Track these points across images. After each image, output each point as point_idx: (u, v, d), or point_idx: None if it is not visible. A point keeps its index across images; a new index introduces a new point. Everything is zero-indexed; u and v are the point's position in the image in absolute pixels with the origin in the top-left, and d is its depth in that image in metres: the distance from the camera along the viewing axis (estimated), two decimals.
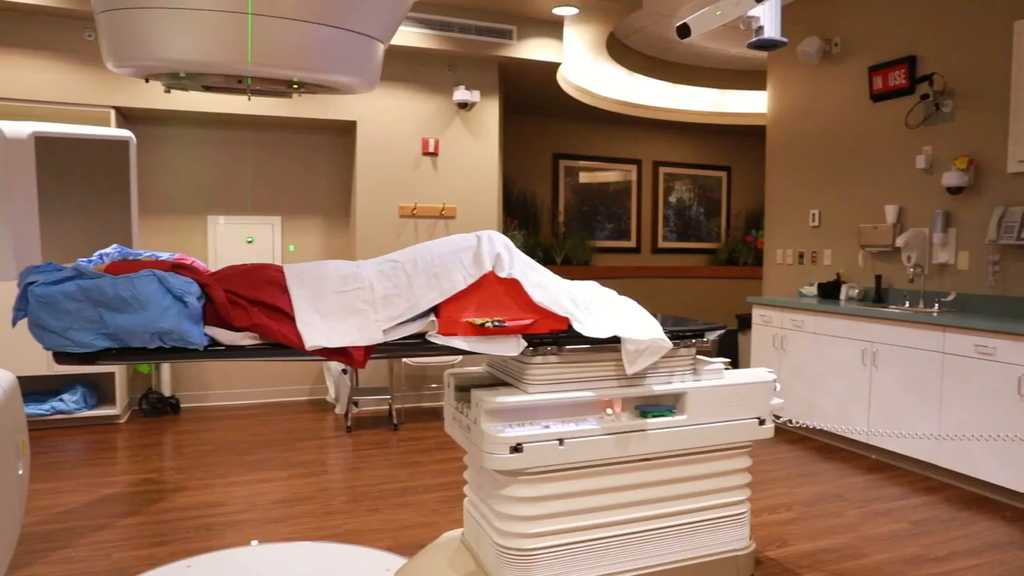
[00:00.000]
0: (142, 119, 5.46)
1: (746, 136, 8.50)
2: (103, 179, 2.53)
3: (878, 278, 4.79)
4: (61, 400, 4.96)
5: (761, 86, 6.41)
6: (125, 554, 2.90)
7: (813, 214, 5.40)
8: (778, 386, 2.45)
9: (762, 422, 2.38)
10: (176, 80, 1.91)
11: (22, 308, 1.69)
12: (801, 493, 3.68)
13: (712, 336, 2.37)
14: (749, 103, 7.90)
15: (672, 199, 8.62)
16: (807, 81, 5.45)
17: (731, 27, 3.02)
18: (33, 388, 5.00)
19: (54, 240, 2.19)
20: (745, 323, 5.92)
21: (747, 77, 7.61)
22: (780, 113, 5.76)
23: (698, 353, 2.40)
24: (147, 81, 2.07)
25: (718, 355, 2.55)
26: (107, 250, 2.12)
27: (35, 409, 4.86)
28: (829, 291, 5.02)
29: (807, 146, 5.47)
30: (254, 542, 3.00)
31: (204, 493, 3.64)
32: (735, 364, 5.16)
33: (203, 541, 3.03)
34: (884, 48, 4.78)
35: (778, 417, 2.53)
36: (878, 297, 4.77)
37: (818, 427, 3.97)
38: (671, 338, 2.18)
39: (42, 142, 2.15)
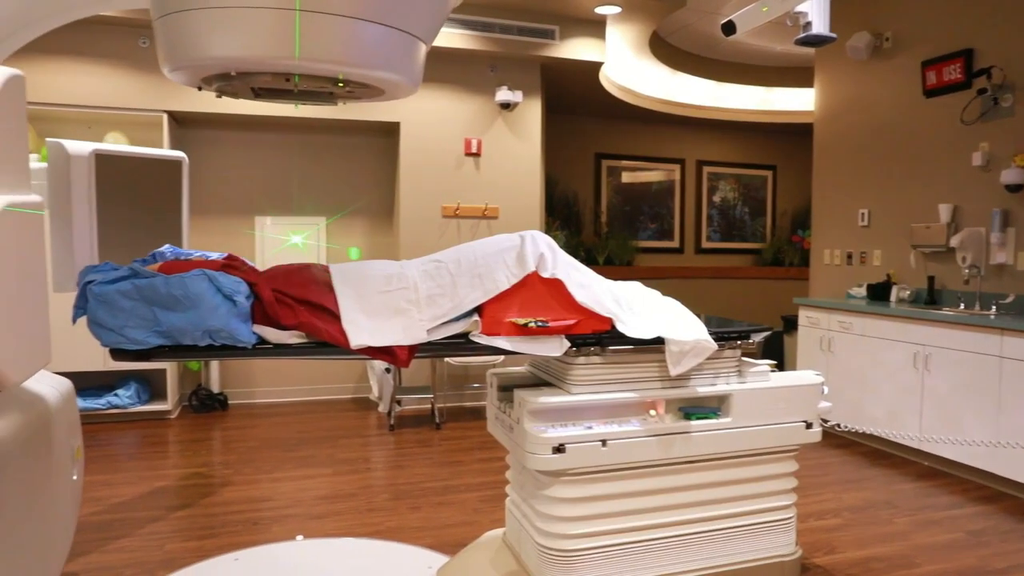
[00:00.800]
0: (193, 123, 5.60)
1: (792, 134, 8.34)
2: (157, 194, 2.62)
3: (931, 279, 4.65)
4: (116, 395, 5.12)
5: (808, 83, 6.28)
6: (176, 545, 2.98)
7: (862, 214, 5.27)
8: (826, 389, 2.40)
9: (809, 426, 2.33)
10: (227, 82, 1.96)
11: (81, 306, 1.75)
12: (849, 499, 3.59)
13: (758, 338, 2.33)
14: (796, 101, 7.75)
15: (716, 199, 8.50)
16: (856, 77, 5.32)
17: (777, 23, 2.97)
18: (90, 383, 5.17)
19: (109, 252, 2.27)
20: (791, 325, 5.81)
21: (793, 74, 7.46)
22: (828, 110, 5.64)
23: (743, 355, 2.36)
24: (200, 89, 2.13)
25: (763, 357, 2.51)
26: (160, 250, 2.18)
27: (92, 403, 5.02)
28: (879, 292, 4.89)
29: (856, 144, 5.34)
30: (299, 537, 3.05)
31: (251, 488, 3.72)
32: (781, 366, 5.07)
33: (250, 535, 3.10)
34: (938, 42, 4.64)
35: (826, 421, 2.48)
36: (931, 299, 4.63)
37: (867, 432, 3.87)
38: (716, 339, 2.15)
39: (102, 159, 2.23)
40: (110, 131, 5.23)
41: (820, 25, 2.68)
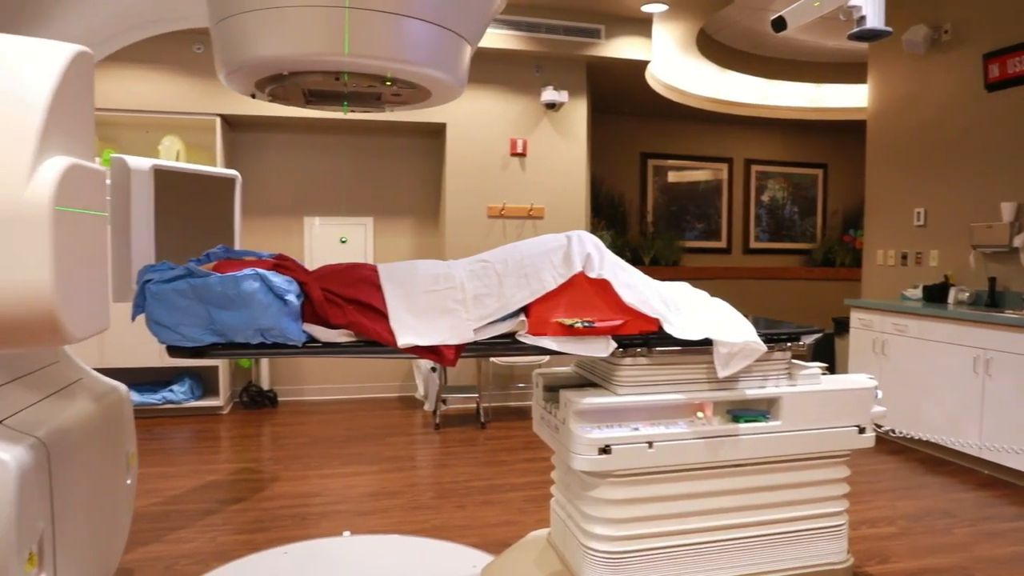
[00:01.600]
0: (244, 126, 5.74)
1: (844, 132, 8.13)
2: (211, 205, 2.70)
3: (992, 280, 4.49)
4: (171, 391, 5.28)
5: (861, 79, 6.12)
6: (228, 538, 3.06)
7: (918, 213, 5.11)
8: (879, 393, 2.33)
9: (862, 430, 2.27)
10: (279, 84, 2.00)
11: (140, 304, 1.81)
12: (904, 507, 3.49)
13: (808, 340, 2.28)
14: (847, 97, 7.56)
15: (764, 198, 8.35)
16: (912, 72, 5.17)
17: (829, 17, 2.90)
18: (147, 379, 5.34)
19: (166, 260, 2.35)
20: (842, 327, 5.67)
21: (845, 70, 7.28)
22: (882, 106, 5.49)
23: (793, 357, 2.31)
24: (253, 97, 2.19)
25: (813, 360, 2.45)
26: (214, 250, 2.23)
27: (148, 398, 5.19)
28: (936, 294, 4.74)
29: (912, 141, 5.19)
30: (346, 533, 3.10)
31: (299, 483, 3.79)
32: (832, 369, 4.96)
33: (298, 529, 3.16)
34: (1002, 33, 4.47)
35: (879, 426, 2.41)
36: (992, 301, 4.47)
37: (923, 438, 3.75)
38: (765, 341, 2.11)
39: (160, 174, 2.31)
40: (166, 135, 5.39)
41: (875, 19, 2.60)
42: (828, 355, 6.14)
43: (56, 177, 1.28)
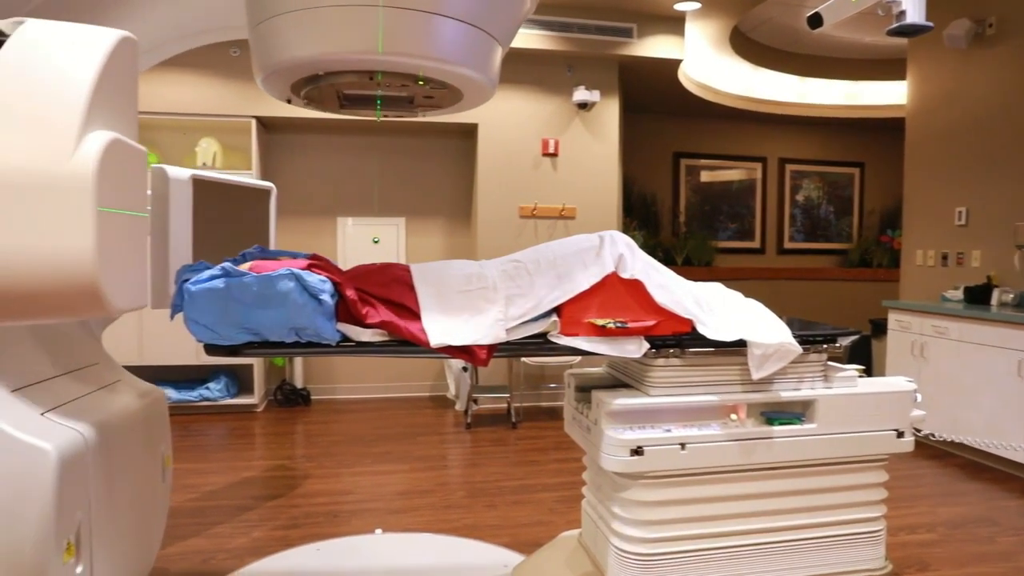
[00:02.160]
0: (279, 127, 5.82)
1: (882, 130, 7.97)
2: (247, 217, 2.75)
3: None
4: (207, 388, 5.37)
5: (900, 76, 6.00)
6: (262, 533, 3.10)
7: (959, 212, 4.99)
8: (919, 396, 2.28)
9: (900, 435, 2.22)
10: (314, 85, 2.03)
11: (178, 304, 1.84)
12: (945, 514, 3.41)
13: (845, 341, 2.24)
14: (885, 94, 7.42)
15: (799, 197, 8.23)
16: (954, 68, 5.05)
17: (867, 13, 2.85)
18: (184, 376, 5.45)
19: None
20: (880, 329, 5.57)
21: (883, 66, 7.14)
22: (922, 104, 5.37)
23: (829, 359, 2.28)
24: (288, 102, 2.22)
25: (849, 362, 2.41)
26: (250, 250, 2.27)
27: (185, 395, 5.29)
28: (978, 295, 4.62)
29: (953, 138, 5.07)
30: (378, 531, 3.12)
31: (332, 481, 3.83)
32: (869, 372, 4.87)
33: (331, 526, 3.19)
34: None
35: (918, 430, 2.36)
36: None
37: (965, 442, 3.66)
38: (800, 342, 2.08)
39: (199, 184, 2.37)
40: (204, 136, 5.49)
41: (915, 14, 2.54)
42: (865, 358, 6.03)
43: (100, 148, 1.32)
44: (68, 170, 1.28)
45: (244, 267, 1.95)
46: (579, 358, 4.23)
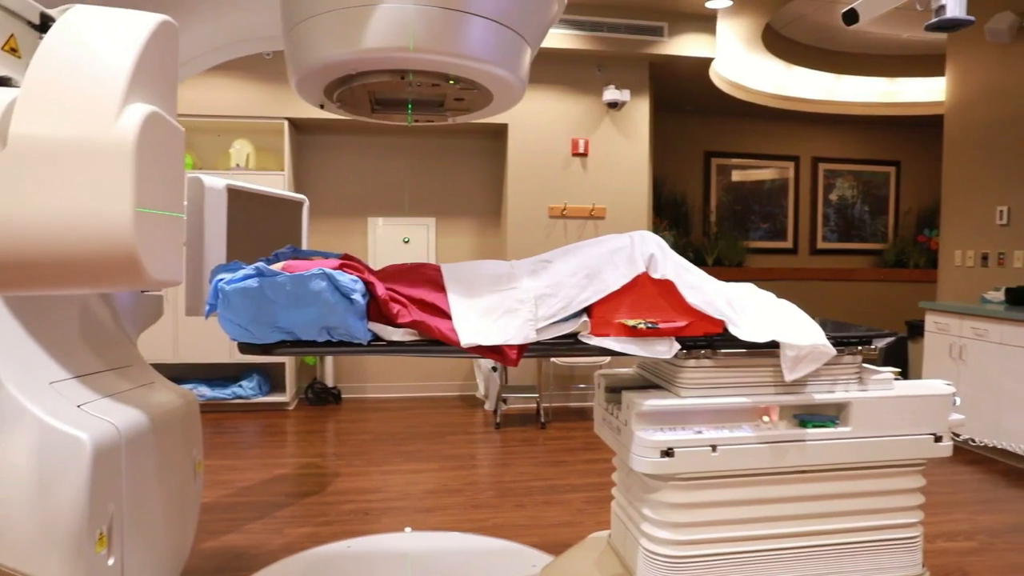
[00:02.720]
0: (311, 129, 5.88)
1: (919, 127, 7.81)
2: (280, 227, 2.80)
3: None
4: (240, 386, 5.45)
5: (938, 72, 5.87)
6: (294, 530, 3.14)
7: (1000, 211, 4.87)
8: (957, 400, 2.23)
9: (938, 439, 2.18)
10: (346, 87, 2.05)
11: (213, 302, 1.87)
12: (985, 521, 3.33)
13: (880, 343, 2.20)
14: (923, 91, 7.26)
15: (833, 197, 8.10)
16: (996, 62, 4.93)
17: (905, 8, 2.79)
18: (217, 374, 5.54)
19: None
20: (916, 330, 5.46)
21: (921, 62, 7.00)
22: (961, 100, 5.25)
23: (864, 361, 2.24)
24: (322, 107, 2.25)
25: (884, 364, 2.36)
26: (282, 250, 2.30)
27: (219, 393, 5.38)
28: (1020, 297, 4.51)
29: (994, 135, 4.95)
30: (407, 529, 3.14)
31: (362, 479, 3.87)
32: (905, 375, 4.78)
33: (361, 524, 3.22)
34: None
35: (957, 435, 2.31)
36: None
37: (1006, 448, 3.57)
38: (834, 344, 2.04)
39: (233, 193, 2.42)
40: (237, 138, 5.57)
41: (956, 7, 2.48)
42: (901, 360, 5.92)
43: (141, 118, 1.35)
44: (110, 137, 1.32)
45: (277, 267, 1.97)
46: (609, 359, 4.21)
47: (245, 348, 1.89)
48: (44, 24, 1.72)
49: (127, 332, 2.31)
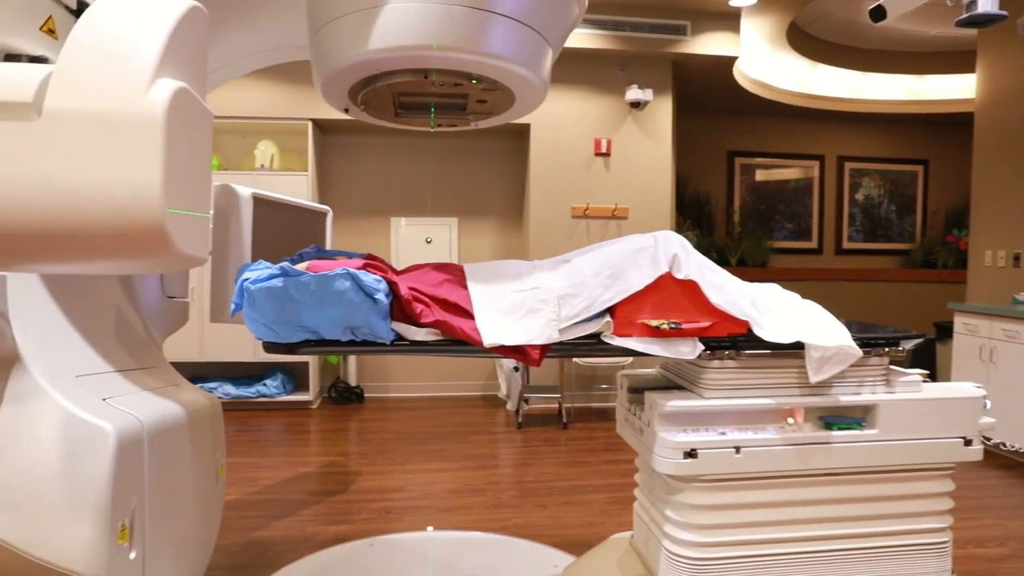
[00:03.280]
0: (334, 130, 5.93)
1: (947, 125, 7.69)
2: (304, 235, 2.83)
3: None
4: (264, 385, 5.51)
5: (968, 68, 5.78)
6: (318, 528, 3.16)
7: None
8: (988, 403, 2.19)
9: (968, 442, 2.14)
10: (370, 89, 2.06)
11: (238, 302, 1.89)
12: (1017, 527, 3.27)
13: (908, 345, 2.17)
14: (952, 88, 7.14)
15: (859, 196, 7.99)
16: None
17: (934, 3, 2.75)
18: (242, 373, 5.60)
19: None
20: (945, 332, 5.37)
21: (950, 59, 6.88)
22: (993, 97, 5.16)
23: (891, 363, 2.21)
24: (346, 112, 2.26)
25: (912, 366, 2.33)
26: (306, 250, 2.32)
27: (243, 391, 5.43)
28: None
29: None
30: (429, 528, 3.15)
31: (384, 478, 3.89)
32: (933, 377, 4.70)
33: (383, 523, 3.23)
34: None
35: (988, 438, 2.27)
36: None
37: None
38: (861, 345, 2.02)
39: (259, 202, 2.45)
40: (262, 139, 5.63)
41: (987, 2, 2.44)
42: (929, 362, 5.83)
43: (171, 90, 1.38)
44: (140, 108, 1.35)
45: (301, 266, 1.99)
46: (631, 359, 4.20)
47: (270, 347, 1.90)
48: (80, 9, 1.77)
49: (153, 336, 2.34)
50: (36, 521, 1.62)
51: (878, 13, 2.76)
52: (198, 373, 5.55)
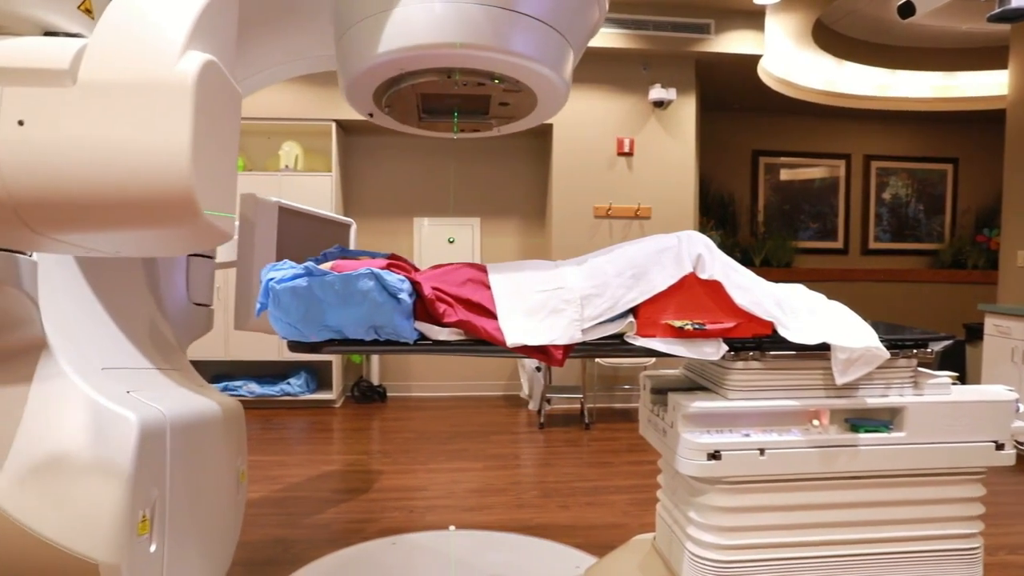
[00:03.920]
0: (358, 130, 5.97)
1: (978, 123, 7.55)
2: (328, 247, 2.86)
3: None
4: (288, 383, 5.56)
5: (999, 64, 5.67)
6: (340, 526, 3.19)
7: None
8: (1021, 407, 2.15)
9: (1000, 447, 2.10)
10: (395, 90, 2.08)
11: (263, 301, 1.91)
12: None
13: (937, 347, 2.13)
14: (982, 85, 7.01)
15: (886, 195, 7.88)
16: None
17: None
18: (266, 371, 5.65)
19: None
20: (975, 334, 5.28)
21: (980, 55, 6.75)
22: None
23: (919, 365, 2.17)
24: (371, 117, 2.28)
25: (941, 368, 2.29)
26: (330, 250, 2.34)
27: (268, 390, 5.49)
28: None
29: None
30: (451, 527, 3.16)
31: (407, 477, 3.90)
32: (963, 379, 4.62)
33: (406, 522, 3.25)
34: None
35: (1021, 443, 2.22)
36: None
37: None
38: (888, 347, 1.99)
39: (284, 211, 2.48)
40: (286, 140, 5.68)
41: None
42: (958, 365, 5.73)
43: (203, 60, 1.41)
44: (172, 75, 1.38)
45: (325, 266, 2.01)
46: (654, 359, 4.17)
47: (294, 346, 1.92)
48: None
49: (178, 341, 2.37)
50: (57, 508, 1.64)
51: (907, 9, 2.73)
52: (223, 372, 5.61)
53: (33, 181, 1.35)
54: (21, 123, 1.34)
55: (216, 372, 5.59)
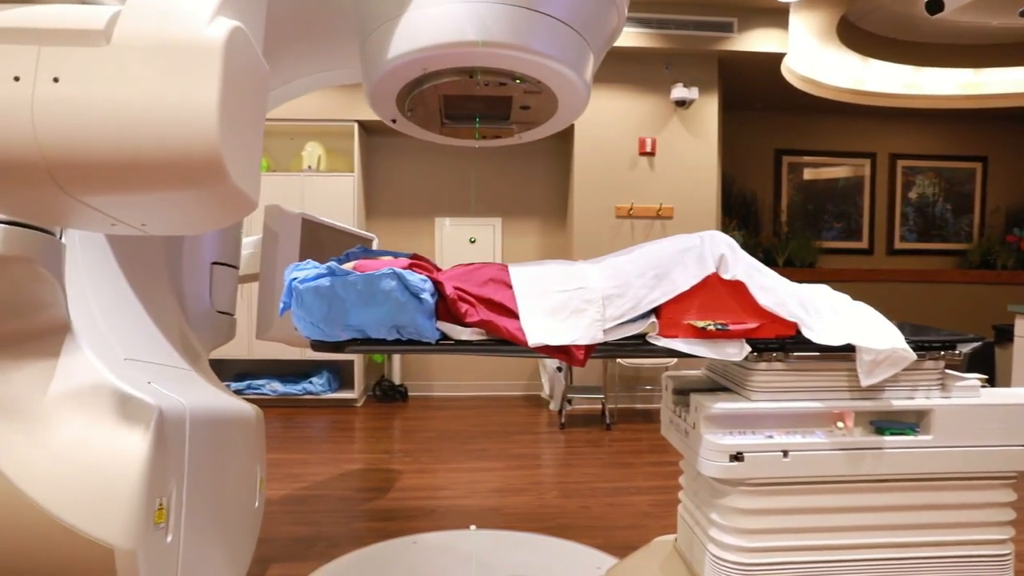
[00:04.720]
0: (380, 131, 6.00)
1: (1008, 120, 7.41)
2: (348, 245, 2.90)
3: None
4: (310, 382, 5.61)
5: None
6: (361, 524, 3.21)
7: None
8: None
9: None
10: (417, 91, 2.09)
11: (287, 301, 1.93)
12: None
13: (965, 348, 2.10)
14: (1012, 82, 6.88)
15: (912, 195, 7.76)
16: None
17: None
18: (289, 370, 5.70)
19: None
20: (1004, 335, 5.18)
21: (1011, 51, 6.62)
22: None
23: (947, 367, 2.14)
24: (393, 122, 2.29)
25: (969, 371, 2.25)
26: (352, 250, 2.35)
27: (290, 389, 5.54)
28: None
29: None
30: (472, 527, 3.16)
31: (428, 476, 3.92)
32: (991, 382, 4.54)
33: (427, 521, 3.26)
34: None
35: None
36: None
37: None
38: (915, 348, 1.96)
39: (306, 224, 2.50)
40: (308, 141, 5.73)
41: None
42: (987, 367, 5.64)
43: (232, 25, 1.44)
44: (201, 37, 1.41)
45: (348, 266, 2.02)
46: (676, 360, 4.15)
47: (317, 345, 1.93)
48: None
49: (200, 347, 2.39)
50: (74, 491, 1.65)
51: (935, 6, 2.68)
52: (246, 370, 5.67)
53: (66, 140, 1.37)
54: (56, 80, 1.36)
55: (239, 371, 5.65)
